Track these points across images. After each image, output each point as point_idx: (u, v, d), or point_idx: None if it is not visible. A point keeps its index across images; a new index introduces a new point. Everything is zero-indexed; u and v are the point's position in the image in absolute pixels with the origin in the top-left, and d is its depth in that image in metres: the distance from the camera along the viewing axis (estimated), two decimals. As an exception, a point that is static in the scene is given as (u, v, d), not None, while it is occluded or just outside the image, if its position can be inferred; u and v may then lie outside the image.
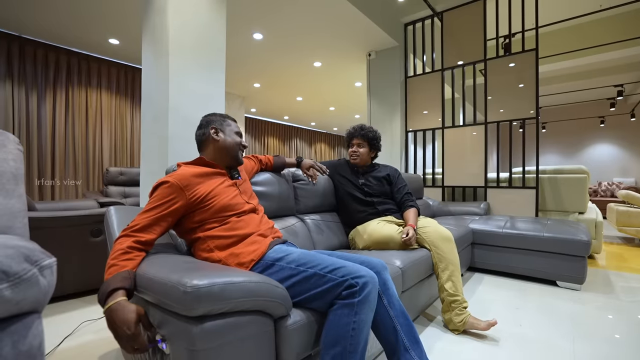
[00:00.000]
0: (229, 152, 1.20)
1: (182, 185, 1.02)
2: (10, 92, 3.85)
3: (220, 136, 1.20)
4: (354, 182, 1.89)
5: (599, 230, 2.89)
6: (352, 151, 1.90)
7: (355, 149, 1.88)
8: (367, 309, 0.86)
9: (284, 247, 1.04)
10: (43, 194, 4.10)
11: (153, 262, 0.90)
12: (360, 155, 1.88)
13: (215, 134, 1.19)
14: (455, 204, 3.31)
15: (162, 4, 1.87)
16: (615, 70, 5.69)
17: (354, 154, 1.89)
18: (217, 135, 1.19)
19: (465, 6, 3.58)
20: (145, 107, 2.01)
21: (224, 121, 1.23)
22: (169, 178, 1.02)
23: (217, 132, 1.20)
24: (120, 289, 0.80)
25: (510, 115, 3.31)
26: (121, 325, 0.74)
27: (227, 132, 1.21)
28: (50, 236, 1.85)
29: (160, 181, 1.03)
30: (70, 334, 1.53)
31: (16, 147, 1.01)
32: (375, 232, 1.69)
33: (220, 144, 1.19)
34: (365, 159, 1.90)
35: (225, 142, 1.20)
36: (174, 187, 1.01)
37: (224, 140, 1.20)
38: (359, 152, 1.88)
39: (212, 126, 1.20)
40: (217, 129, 1.20)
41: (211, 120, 1.22)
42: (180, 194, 1.01)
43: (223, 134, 1.21)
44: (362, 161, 1.90)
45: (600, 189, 7.50)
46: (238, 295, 0.74)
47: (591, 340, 1.45)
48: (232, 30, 3.81)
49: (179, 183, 1.02)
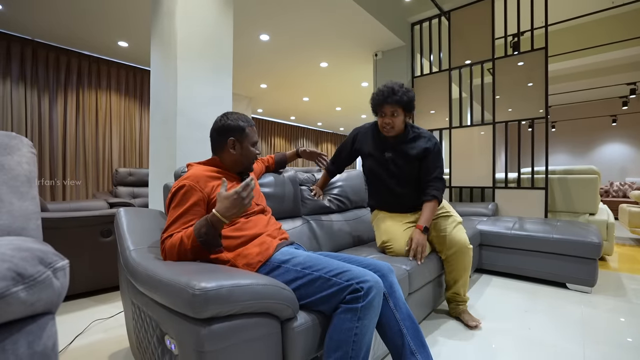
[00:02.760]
0: (244, 163, 1.20)
1: (199, 186, 1.04)
2: (23, 94, 3.93)
3: (237, 150, 1.16)
4: (378, 158, 1.59)
5: (611, 231, 2.83)
6: (385, 122, 1.50)
7: (389, 120, 1.49)
8: (371, 314, 0.86)
9: (290, 249, 1.05)
10: (55, 194, 4.18)
11: (162, 263, 0.91)
12: (395, 127, 1.50)
13: (233, 148, 1.16)
14: (463, 205, 3.28)
15: (170, 8, 1.90)
16: (627, 68, 5.57)
17: (387, 125, 1.50)
18: (234, 150, 1.16)
19: (473, 5, 3.54)
20: (153, 109, 2.04)
21: (243, 132, 1.16)
22: (184, 181, 1.04)
23: (235, 146, 1.16)
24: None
25: (519, 114, 3.27)
26: (236, 199, 0.91)
27: (244, 145, 1.17)
28: (62, 236, 1.88)
29: (176, 186, 1.04)
30: (81, 332, 1.56)
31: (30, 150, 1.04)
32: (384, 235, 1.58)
33: (237, 157, 1.17)
34: (400, 128, 1.53)
35: (241, 157, 1.18)
36: (191, 190, 1.03)
37: (240, 154, 1.17)
38: (393, 122, 1.49)
39: (230, 137, 1.15)
40: (235, 142, 1.16)
41: (230, 129, 1.15)
42: (198, 194, 1.03)
43: (240, 147, 1.17)
44: (397, 131, 1.53)
45: (612, 189, 7.35)
46: (246, 298, 0.75)
47: (602, 344, 1.43)
48: (239, 32, 3.84)
49: (195, 185, 1.04)
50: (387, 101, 1.46)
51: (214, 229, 0.93)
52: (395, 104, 1.46)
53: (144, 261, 0.96)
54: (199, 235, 0.92)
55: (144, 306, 0.97)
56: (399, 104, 1.46)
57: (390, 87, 1.47)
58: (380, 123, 1.54)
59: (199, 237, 0.92)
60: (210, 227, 0.92)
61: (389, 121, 1.49)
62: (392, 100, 1.45)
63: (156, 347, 0.92)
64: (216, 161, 1.18)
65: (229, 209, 0.91)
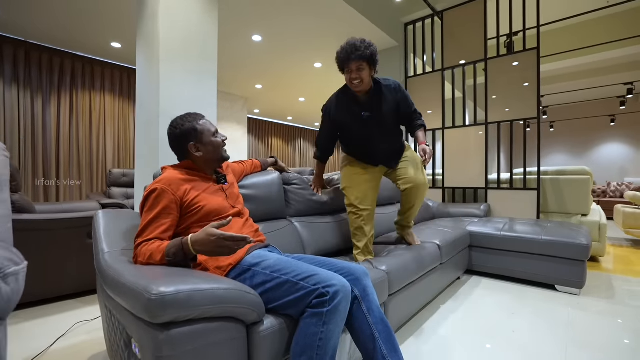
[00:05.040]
0: (214, 157, 1.19)
1: (171, 189, 1.03)
2: (16, 95, 3.94)
3: (201, 150, 1.15)
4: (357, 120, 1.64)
5: (603, 233, 2.82)
6: (353, 78, 1.53)
7: (356, 75, 1.52)
8: (337, 319, 0.86)
9: (262, 252, 1.04)
10: (48, 195, 4.19)
11: (131, 267, 0.90)
12: (363, 80, 1.53)
13: (197, 151, 1.15)
14: (456, 206, 3.27)
15: (154, 9, 1.89)
16: (624, 68, 5.55)
17: (356, 80, 1.53)
18: (198, 151, 1.15)
19: (466, 5, 3.53)
20: (139, 111, 2.04)
21: (196, 131, 1.14)
22: (156, 185, 1.03)
23: (197, 148, 1.15)
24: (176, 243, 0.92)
25: (513, 115, 3.26)
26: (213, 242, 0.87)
27: (205, 141, 1.16)
28: (48, 238, 1.88)
29: (149, 190, 1.03)
30: (63, 334, 1.56)
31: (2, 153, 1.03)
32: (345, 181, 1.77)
33: (205, 156, 1.16)
34: (368, 81, 1.56)
35: (208, 154, 1.17)
36: (163, 193, 1.02)
37: (206, 152, 1.16)
38: (360, 76, 1.51)
39: (189, 143, 1.14)
40: (195, 144, 1.14)
41: (183, 135, 1.14)
42: (170, 197, 1.02)
43: (203, 145, 1.15)
44: (366, 85, 1.56)
45: (609, 189, 7.32)
46: (205, 302, 0.74)
47: (585, 347, 1.42)
48: (231, 32, 3.83)
49: (167, 188, 1.03)
50: (351, 57, 1.49)
51: (184, 254, 0.91)
52: (358, 59, 1.49)
53: (115, 264, 0.96)
54: (167, 255, 0.91)
55: (114, 310, 0.96)
56: (363, 58, 1.49)
57: (352, 43, 1.51)
58: (348, 80, 1.57)
59: (167, 257, 0.91)
60: (180, 250, 0.91)
61: (356, 76, 1.52)
62: (355, 57, 1.49)
63: (124, 350, 0.91)
64: (189, 164, 1.17)
65: (205, 245, 0.88)
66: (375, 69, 1.58)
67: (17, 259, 0.70)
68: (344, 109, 1.66)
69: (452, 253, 2.05)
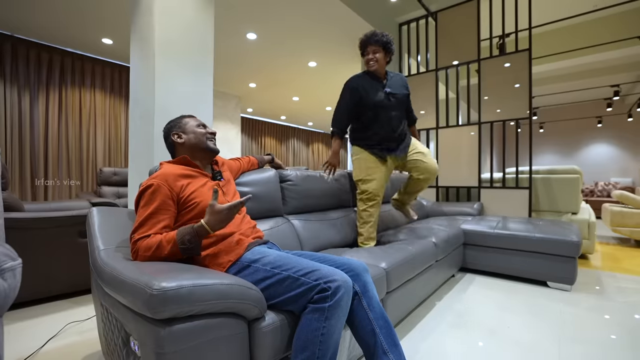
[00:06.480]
0: (198, 145, 1.20)
1: (167, 184, 1.02)
2: (2, 92, 3.83)
3: (183, 137, 1.20)
4: (382, 94, 1.89)
5: (592, 230, 2.88)
6: (369, 59, 1.87)
7: (372, 56, 1.86)
8: (338, 314, 0.85)
9: (262, 249, 1.04)
10: (36, 194, 4.09)
11: (129, 263, 0.89)
12: (378, 61, 1.86)
13: (179, 138, 1.20)
14: (449, 204, 3.30)
15: (149, 5, 1.86)
16: (611, 70, 5.69)
17: (372, 60, 1.86)
18: (180, 139, 1.19)
19: (459, 6, 3.58)
20: (132, 107, 2.00)
21: (180, 122, 1.22)
22: (152, 180, 1.02)
23: (180, 136, 1.20)
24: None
25: (505, 115, 3.31)
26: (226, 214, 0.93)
27: (187, 130, 1.20)
28: (38, 237, 1.84)
29: (144, 186, 1.02)
30: (55, 335, 1.52)
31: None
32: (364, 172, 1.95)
33: (187, 143, 1.19)
34: (382, 63, 1.88)
35: (190, 140, 1.19)
36: (159, 189, 1.01)
37: (188, 139, 1.19)
38: (375, 57, 1.85)
39: (172, 132, 1.21)
40: (178, 133, 1.20)
41: (170, 128, 1.22)
42: (166, 192, 1.01)
43: (185, 134, 1.20)
44: (380, 67, 1.88)
45: (596, 189, 7.50)
46: (208, 298, 0.73)
47: (577, 341, 1.45)
48: (226, 30, 3.80)
49: (164, 183, 1.02)
50: (370, 42, 1.86)
51: (199, 238, 0.93)
52: (375, 43, 1.85)
53: (111, 261, 0.94)
54: (182, 243, 0.92)
55: (111, 307, 0.95)
56: (378, 43, 1.85)
57: (373, 31, 1.87)
58: (365, 61, 1.90)
59: (182, 244, 0.92)
60: (195, 236, 0.93)
61: (372, 57, 1.86)
62: (373, 41, 1.85)
63: (122, 348, 0.90)
64: (187, 159, 1.17)
65: (219, 222, 0.93)
66: (389, 57, 1.91)
67: (12, 254, 0.68)
68: (370, 83, 1.90)
69: (447, 250, 2.08)
